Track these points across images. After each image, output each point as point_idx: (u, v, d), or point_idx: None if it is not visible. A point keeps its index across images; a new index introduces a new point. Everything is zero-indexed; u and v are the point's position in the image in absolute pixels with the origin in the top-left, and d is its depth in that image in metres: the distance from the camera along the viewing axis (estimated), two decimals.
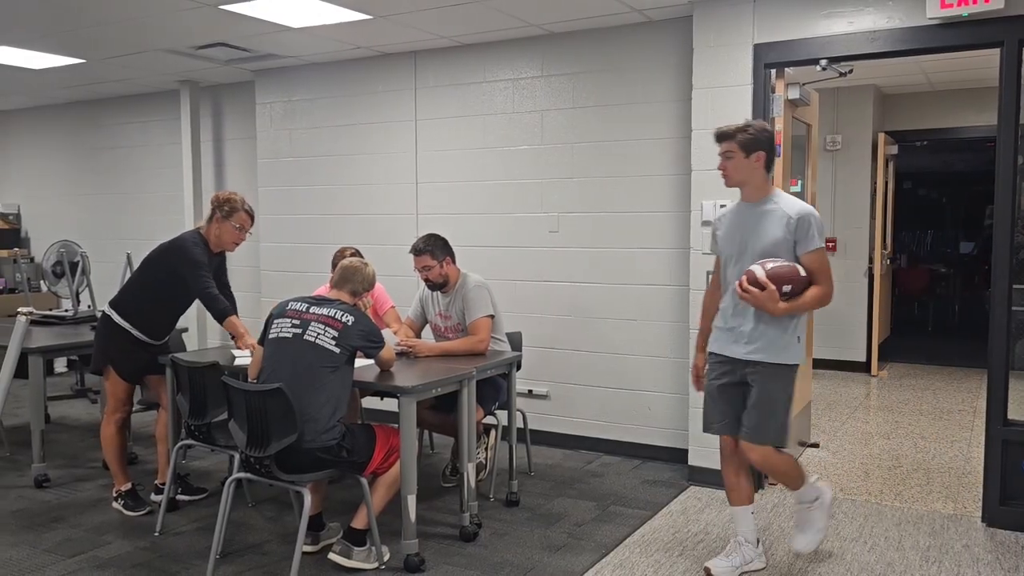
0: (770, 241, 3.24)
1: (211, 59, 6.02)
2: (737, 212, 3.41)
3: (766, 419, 3.27)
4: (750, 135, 3.27)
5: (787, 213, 3.24)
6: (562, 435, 5.45)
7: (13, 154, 8.75)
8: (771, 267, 3.17)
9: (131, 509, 4.21)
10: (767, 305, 3.15)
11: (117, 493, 4.28)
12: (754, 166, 3.29)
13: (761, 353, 3.26)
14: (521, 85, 5.46)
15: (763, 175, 3.32)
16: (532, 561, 3.65)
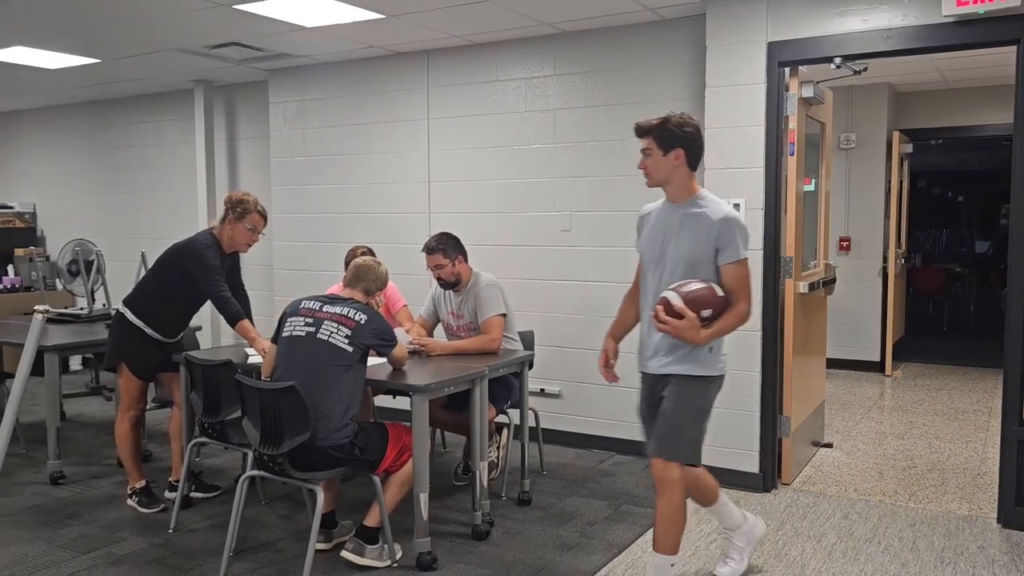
0: (690, 249, 3.01)
1: (225, 59, 6.05)
2: (661, 213, 3.17)
3: (673, 432, 3.05)
4: (667, 130, 3.03)
5: (711, 218, 2.99)
6: (574, 434, 5.45)
7: (29, 153, 8.81)
8: (687, 291, 2.93)
9: (145, 506, 4.24)
10: (687, 335, 2.93)
11: (132, 490, 4.31)
12: (673, 164, 3.03)
13: (672, 366, 3.07)
14: (533, 84, 5.45)
15: (685, 174, 3.06)
16: (544, 560, 3.65)
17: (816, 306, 5.17)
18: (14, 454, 5.23)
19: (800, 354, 4.76)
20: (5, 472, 4.77)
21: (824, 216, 5.35)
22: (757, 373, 4.55)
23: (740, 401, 4.59)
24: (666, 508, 3.05)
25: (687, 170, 3.07)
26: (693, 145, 3.07)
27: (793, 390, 4.65)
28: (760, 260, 4.50)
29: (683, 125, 3.05)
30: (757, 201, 4.48)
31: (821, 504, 4.36)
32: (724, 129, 4.55)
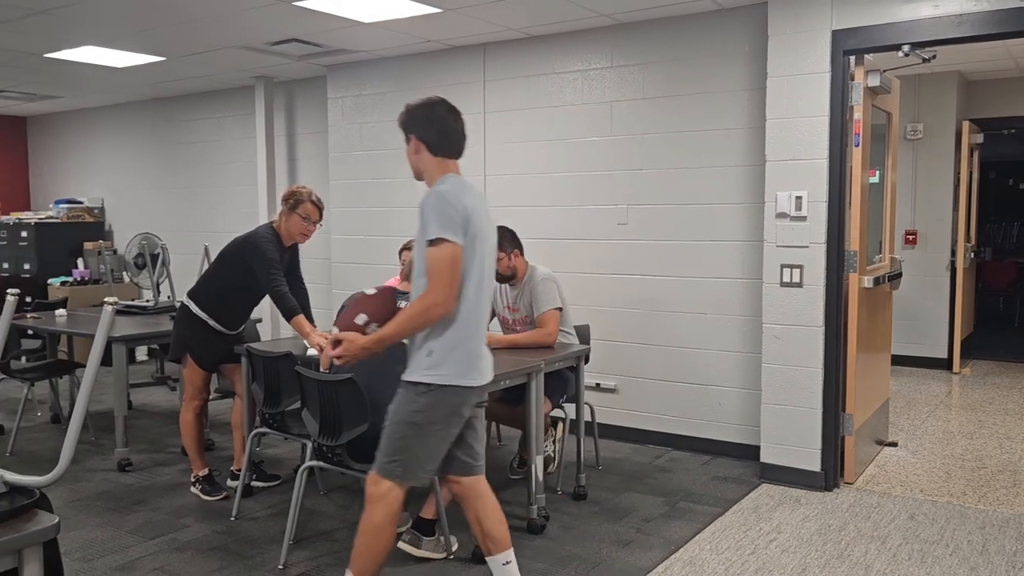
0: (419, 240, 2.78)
1: (285, 55, 6.13)
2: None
3: (382, 443, 2.82)
4: (402, 118, 2.84)
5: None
6: (630, 429, 5.41)
7: (98, 150, 9.08)
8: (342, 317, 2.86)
9: (208, 494, 4.34)
10: (352, 350, 2.77)
11: (195, 478, 4.41)
12: (414, 152, 2.83)
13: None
14: (590, 76, 5.41)
15: (431, 162, 2.81)
16: (600, 555, 3.63)
17: (881, 301, 5.03)
18: (84, 441, 5.40)
19: (864, 350, 4.64)
20: (76, 459, 4.93)
21: (890, 209, 5.20)
22: (819, 369, 4.45)
23: (801, 398, 4.50)
24: (364, 524, 2.80)
25: (431, 157, 2.81)
26: (424, 128, 2.81)
27: (856, 387, 4.54)
28: (823, 254, 4.39)
29: (412, 110, 2.84)
30: (820, 194, 4.38)
31: (885, 504, 4.25)
32: (786, 120, 4.45)
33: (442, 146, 2.82)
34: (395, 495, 2.80)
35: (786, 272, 4.49)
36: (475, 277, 2.77)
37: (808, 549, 3.69)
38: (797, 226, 4.45)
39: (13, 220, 8.69)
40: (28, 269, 8.51)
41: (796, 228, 4.45)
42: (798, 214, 4.43)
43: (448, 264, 2.67)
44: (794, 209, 4.44)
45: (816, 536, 3.84)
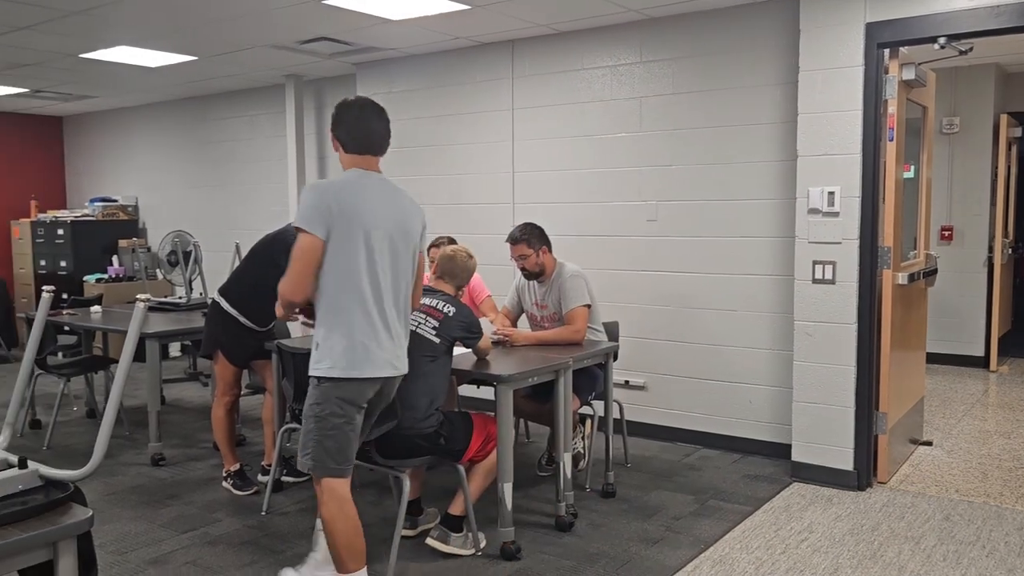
0: None
1: (314, 53, 6.17)
2: None
3: (300, 438, 2.91)
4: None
5: None
6: (659, 427, 5.38)
7: (132, 148, 9.21)
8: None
9: (239, 488, 4.38)
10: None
11: (227, 473, 4.46)
12: (335, 150, 2.99)
13: None
14: (619, 72, 5.38)
15: (345, 159, 2.98)
16: (628, 553, 3.61)
17: (916, 298, 4.95)
18: (118, 436, 5.49)
19: (898, 348, 4.57)
20: (111, 453, 5.01)
21: (925, 204, 5.12)
22: (852, 367, 4.38)
23: (833, 396, 4.44)
24: (322, 519, 2.91)
25: (344, 154, 2.96)
26: (337, 127, 2.95)
27: (890, 385, 4.47)
28: (856, 250, 4.33)
29: (334, 110, 2.97)
30: (854, 189, 4.31)
31: (920, 504, 4.18)
32: (818, 114, 4.39)
33: (353, 144, 2.93)
34: (332, 486, 2.87)
35: (818, 268, 4.43)
36: (348, 268, 2.80)
37: (840, 549, 3.65)
38: (829, 222, 4.39)
39: (50, 218, 8.85)
40: (64, 266, 8.66)
41: (828, 224, 4.39)
42: (830, 210, 4.37)
43: (297, 254, 2.77)
44: (826, 205, 4.38)
45: (848, 536, 3.79)
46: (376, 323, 2.86)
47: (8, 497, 1.90)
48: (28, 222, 9.01)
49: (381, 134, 3.00)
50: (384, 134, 3.02)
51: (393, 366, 2.93)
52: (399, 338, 2.95)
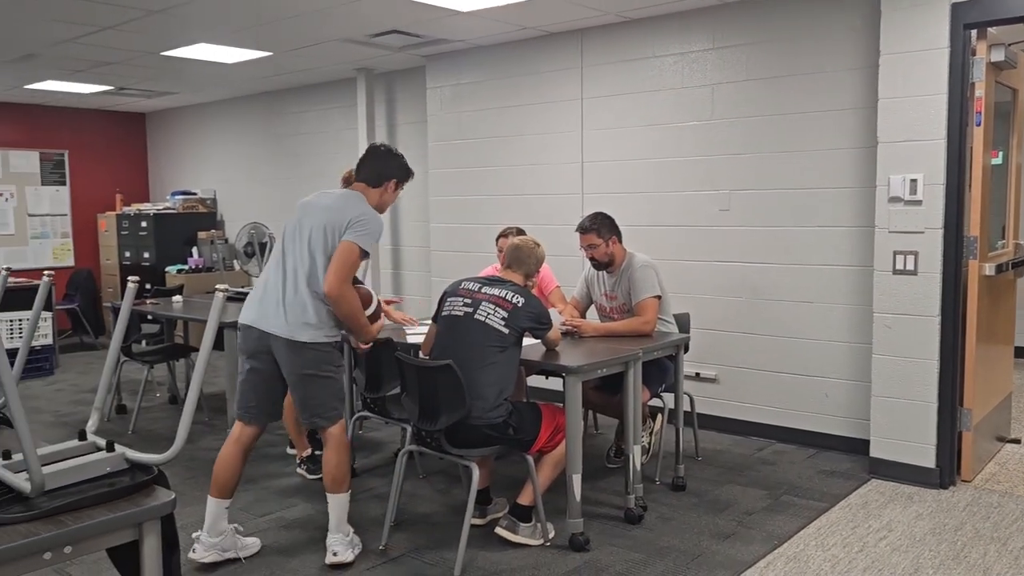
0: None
1: (385, 46, 6.23)
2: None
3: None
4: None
5: None
6: (731, 420, 5.28)
7: (211, 143, 9.48)
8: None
9: (312, 473, 4.48)
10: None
11: (300, 459, 4.56)
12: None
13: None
14: (691, 59, 5.28)
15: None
16: (699, 548, 3.56)
17: (1004, 290, 4.75)
18: (198, 422, 5.66)
19: (984, 341, 4.38)
20: (191, 439, 5.17)
21: (1014, 192, 4.89)
22: (935, 361, 4.23)
23: (915, 391, 4.29)
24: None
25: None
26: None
27: (976, 380, 4.30)
28: (940, 240, 4.17)
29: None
30: (937, 176, 4.15)
31: (1007, 504, 4.01)
32: (900, 99, 4.23)
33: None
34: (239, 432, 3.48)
35: (899, 259, 4.29)
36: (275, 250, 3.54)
37: (921, 549, 3.53)
38: (911, 211, 4.23)
39: (134, 211, 9.18)
40: (147, 257, 8.97)
41: (910, 213, 4.24)
42: (913, 198, 4.22)
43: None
44: (908, 193, 4.23)
45: (930, 535, 3.67)
46: (259, 285, 3.48)
47: (97, 479, 1.98)
48: (114, 215, 9.37)
49: (360, 166, 3.62)
50: (361, 165, 3.62)
51: (253, 319, 3.42)
52: (270, 302, 3.38)
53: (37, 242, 9.35)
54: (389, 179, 3.54)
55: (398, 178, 3.57)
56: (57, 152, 9.47)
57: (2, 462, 1.97)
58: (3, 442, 2.32)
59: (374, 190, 3.52)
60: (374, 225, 3.37)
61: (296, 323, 3.31)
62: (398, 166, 3.58)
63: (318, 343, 3.34)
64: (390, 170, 3.55)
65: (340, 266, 3.27)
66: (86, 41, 5.85)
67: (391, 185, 3.55)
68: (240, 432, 3.47)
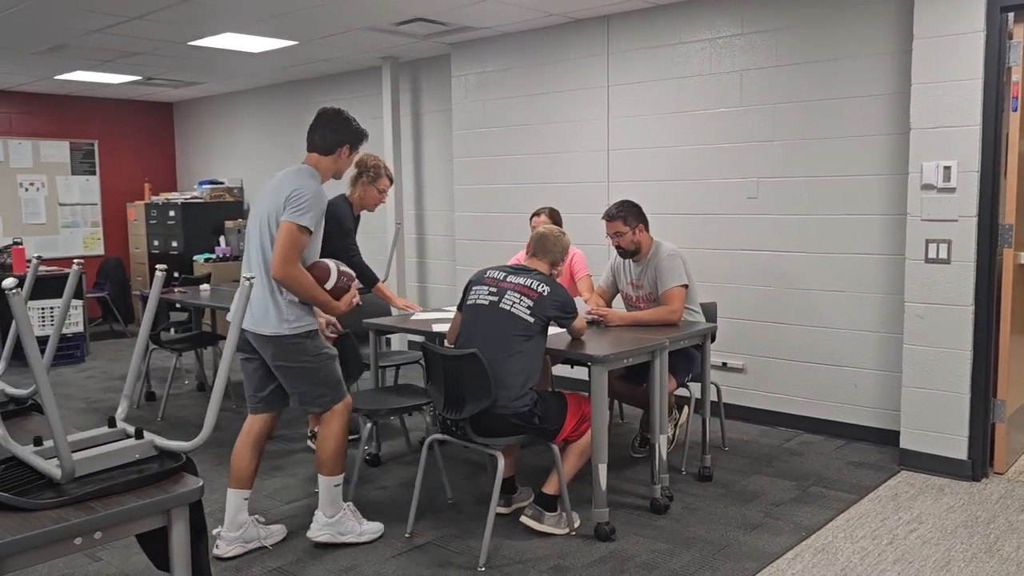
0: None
1: (410, 35, 6.22)
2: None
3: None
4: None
5: None
6: (758, 410, 5.24)
7: (237, 132, 9.53)
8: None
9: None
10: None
11: (311, 432, 4.74)
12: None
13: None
14: (719, 45, 5.21)
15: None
16: (726, 539, 3.53)
17: None
18: (226, 409, 5.71)
19: (1019, 332, 4.31)
20: (218, 426, 5.21)
21: None
22: (968, 352, 4.16)
23: (947, 381, 4.22)
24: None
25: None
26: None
27: (1010, 371, 4.23)
28: (974, 228, 4.10)
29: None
30: (972, 163, 4.07)
31: None
32: (934, 84, 4.15)
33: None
34: (250, 423, 3.55)
35: (932, 247, 4.21)
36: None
37: (952, 541, 3.48)
38: (945, 198, 4.16)
39: (162, 200, 9.26)
40: (175, 246, 9.05)
41: (944, 200, 4.16)
42: (946, 185, 4.14)
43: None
44: (942, 180, 4.15)
45: (962, 528, 3.61)
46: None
47: (126, 465, 2.00)
48: (142, 204, 9.47)
49: (311, 130, 3.47)
50: (311, 133, 3.47)
51: (230, 315, 3.32)
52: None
53: (68, 231, 9.47)
54: (342, 145, 3.42)
55: (351, 143, 3.44)
56: (87, 142, 9.57)
57: (33, 448, 1.99)
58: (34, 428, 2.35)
59: (326, 158, 3.41)
60: (311, 200, 3.21)
61: (260, 317, 3.27)
62: (351, 130, 3.44)
63: (282, 335, 3.27)
64: (341, 135, 3.41)
65: (280, 248, 3.17)
66: (114, 31, 5.89)
67: (344, 151, 3.43)
68: (251, 423, 3.52)
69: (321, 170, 3.39)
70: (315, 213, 3.23)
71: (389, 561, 3.36)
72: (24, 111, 9.11)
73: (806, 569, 3.25)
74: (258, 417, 3.52)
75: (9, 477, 1.90)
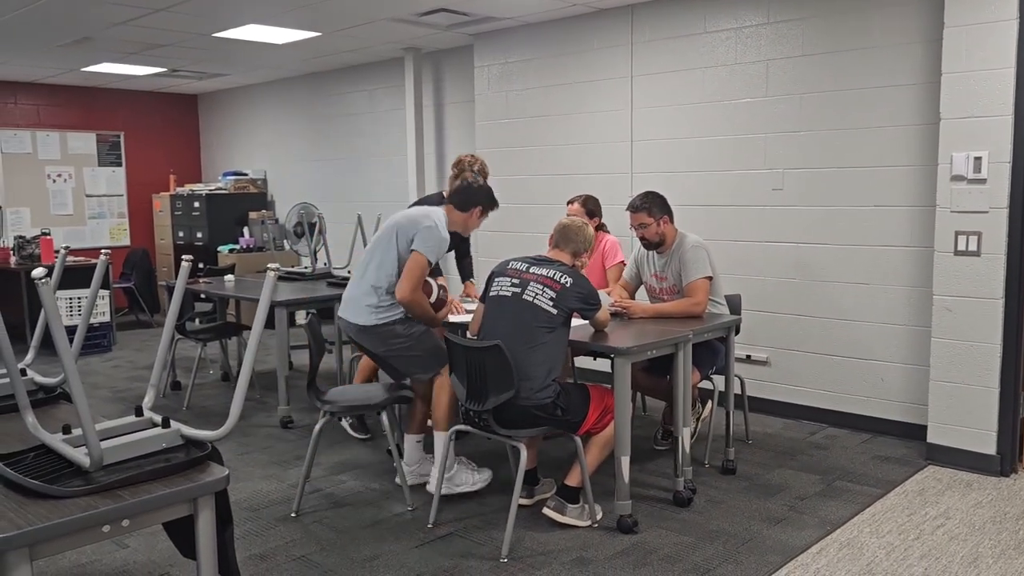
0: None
1: (433, 25, 6.21)
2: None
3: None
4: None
5: None
6: (782, 403, 5.20)
7: (261, 124, 9.58)
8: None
9: (356, 430, 4.81)
10: None
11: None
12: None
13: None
14: (744, 34, 5.16)
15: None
16: (750, 532, 3.51)
17: None
18: (250, 399, 5.76)
19: None
20: (243, 415, 5.25)
21: None
22: (997, 345, 4.10)
23: (975, 375, 4.16)
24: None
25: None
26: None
27: None
28: (1005, 220, 4.03)
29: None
30: (1003, 153, 4.00)
31: None
32: (965, 74, 4.08)
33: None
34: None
35: (961, 240, 4.15)
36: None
37: (980, 537, 3.43)
38: (975, 189, 4.09)
39: (187, 191, 9.34)
40: (200, 237, 9.12)
41: (974, 192, 4.09)
42: (976, 176, 4.07)
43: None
44: (972, 171, 4.08)
45: (990, 524, 3.56)
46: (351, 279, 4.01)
47: (153, 454, 2.01)
48: (168, 195, 9.55)
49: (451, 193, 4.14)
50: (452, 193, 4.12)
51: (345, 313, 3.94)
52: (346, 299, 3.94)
53: (95, 222, 9.58)
54: (475, 206, 3.97)
55: (483, 205, 4.00)
56: (113, 134, 9.66)
57: (62, 436, 2.02)
58: (63, 417, 2.38)
59: (460, 213, 3.97)
60: (435, 240, 3.77)
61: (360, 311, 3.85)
62: (485, 195, 4.02)
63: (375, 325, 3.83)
64: (477, 198, 3.98)
65: (408, 273, 3.71)
66: (140, 23, 5.93)
67: (476, 212, 3.99)
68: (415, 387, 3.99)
69: (451, 219, 3.93)
70: (435, 252, 3.80)
71: (411, 551, 3.37)
72: (51, 103, 9.21)
73: (831, 563, 3.22)
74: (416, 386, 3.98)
75: (39, 465, 1.92)
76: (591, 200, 4.87)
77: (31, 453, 2.00)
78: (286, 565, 3.27)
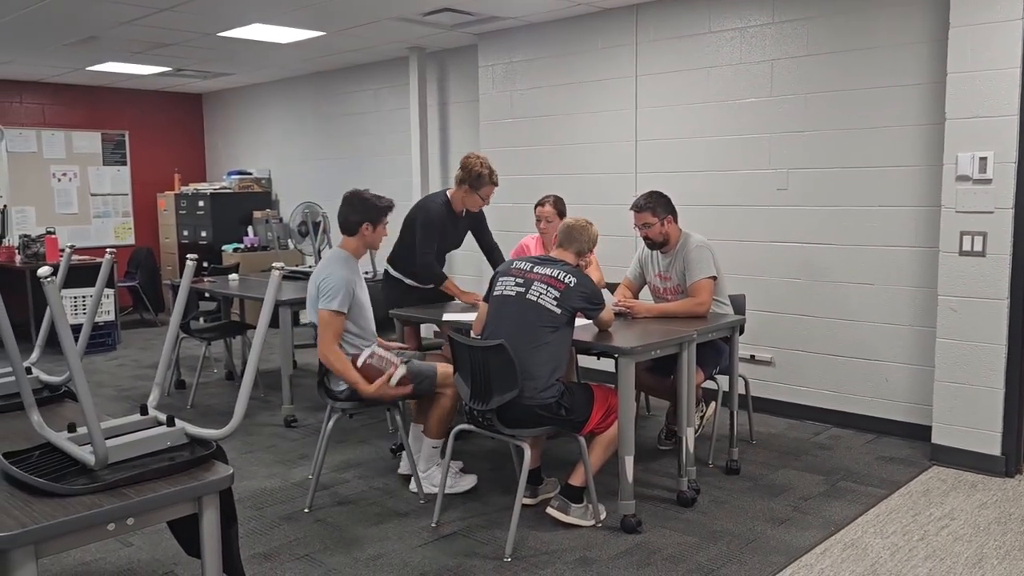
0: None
1: (437, 25, 6.21)
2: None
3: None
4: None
5: None
6: (787, 404, 5.19)
7: (265, 123, 9.59)
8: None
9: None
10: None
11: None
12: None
13: None
14: (749, 34, 5.15)
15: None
16: (754, 532, 3.51)
17: None
18: (254, 398, 5.77)
19: None
20: (247, 414, 5.25)
21: None
22: (1002, 345, 4.09)
23: (980, 376, 4.16)
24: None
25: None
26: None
27: None
28: (1011, 220, 4.02)
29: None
30: (1009, 154, 3.99)
31: None
32: (970, 73, 4.07)
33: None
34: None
35: (966, 240, 4.14)
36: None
37: (985, 538, 3.42)
38: (980, 190, 4.08)
39: (192, 190, 9.35)
40: (204, 236, 9.14)
41: (979, 192, 4.08)
42: (982, 176, 4.06)
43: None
44: (977, 171, 4.07)
45: (995, 525, 3.56)
46: None
47: (158, 453, 2.02)
48: (172, 194, 9.56)
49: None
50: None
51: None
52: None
53: (99, 221, 9.60)
54: (361, 224, 3.76)
55: (371, 220, 3.77)
56: (118, 133, 9.68)
57: (67, 435, 2.02)
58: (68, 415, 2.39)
59: (351, 239, 3.81)
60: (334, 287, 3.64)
61: None
62: (364, 208, 3.77)
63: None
64: (357, 214, 3.76)
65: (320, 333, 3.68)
66: (145, 22, 5.94)
67: (367, 228, 3.77)
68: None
69: (348, 249, 3.80)
70: (336, 297, 3.65)
71: (415, 551, 3.37)
72: (56, 102, 9.23)
73: (835, 564, 3.22)
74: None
75: (44, 463, 1.93)
76: (560, 201, 4.97)
77: (36, 451, 2.01)
78: (290, 564, 3.27)
